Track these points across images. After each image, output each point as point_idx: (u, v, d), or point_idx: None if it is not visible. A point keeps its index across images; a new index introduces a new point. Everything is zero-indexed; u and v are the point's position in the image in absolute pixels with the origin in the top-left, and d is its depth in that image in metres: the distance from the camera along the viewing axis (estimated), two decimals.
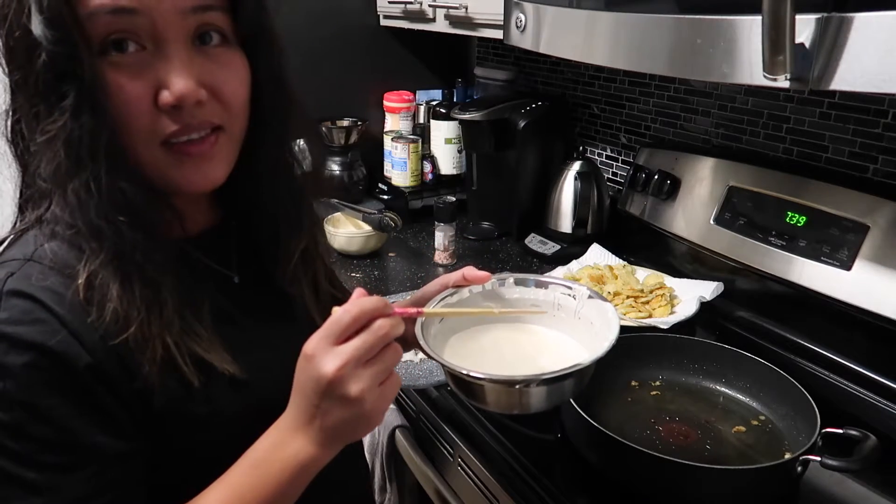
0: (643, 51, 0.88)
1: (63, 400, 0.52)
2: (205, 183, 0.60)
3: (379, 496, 1.17)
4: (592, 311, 0.71)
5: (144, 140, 0.55)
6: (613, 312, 0.68)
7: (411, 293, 1.37)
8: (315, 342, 0.54)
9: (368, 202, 1.88)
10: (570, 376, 0.63)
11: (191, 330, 0.58)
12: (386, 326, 0.54)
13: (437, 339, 0.69)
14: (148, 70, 0.54)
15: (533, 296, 0.75)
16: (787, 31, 0.64)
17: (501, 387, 0.63)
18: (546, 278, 0.75)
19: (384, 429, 1.11)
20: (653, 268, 1.40)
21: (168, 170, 0.57)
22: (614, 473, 0.86)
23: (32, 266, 0.55)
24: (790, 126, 1.25)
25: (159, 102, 0.54)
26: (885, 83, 0.62)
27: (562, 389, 0.65)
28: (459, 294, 0.73)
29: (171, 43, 0.54)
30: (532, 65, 1.87)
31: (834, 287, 1.08)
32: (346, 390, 0.53)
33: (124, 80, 0.53)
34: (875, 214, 1.05)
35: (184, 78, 0.54)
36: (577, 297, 0.72)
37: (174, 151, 0.57)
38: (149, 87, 0.54)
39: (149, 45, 0.54)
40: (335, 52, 1.87)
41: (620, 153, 1.67)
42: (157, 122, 0.55)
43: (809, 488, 0.85)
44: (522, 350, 0.71)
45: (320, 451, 0.56)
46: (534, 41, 1.09)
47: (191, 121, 0.56)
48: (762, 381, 0.98)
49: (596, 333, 0.68)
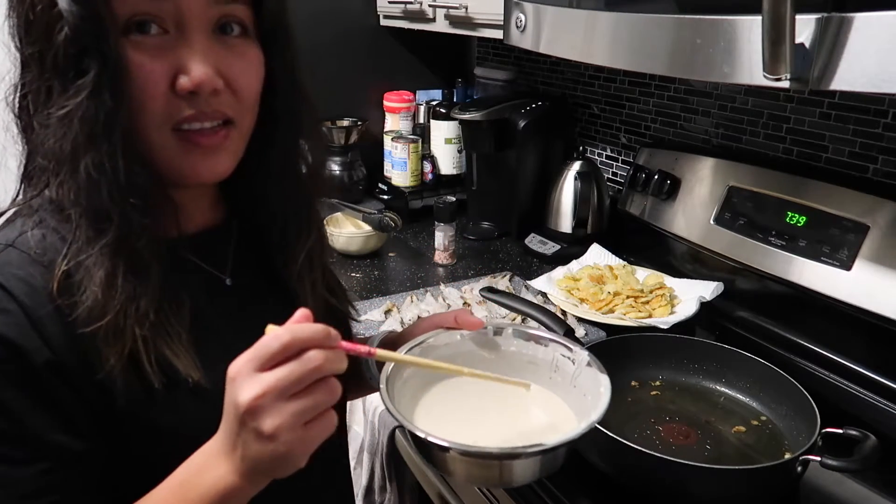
0: (643, 51, 0.88)
1: (18, 393, 0.52)
2: (210, 175, 0.59)
3: (379, 496, 1.17)
4: (588, 381, 0.65)
5: (158, 123, 0.55)
6: (607, 388, 0.62)
7: (411, 293, 1.37)
8: (239, 364, 0.49)
9: (368, 202, 1.89)
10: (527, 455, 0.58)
11: (163, 329, 0.57)
12: (319, 359, 0.48)
13: (408, 387, 0.64)
14: (168, 53, 0.54)
15: (531, 352, 0.70)
16: (787, 31, 0.64)
17: (469, 459, 0.58)
18: (547, 334, 0.70)
19: (384, 429, 1.11)
20: (653, 268, 1.40)
21: (176, 158, 0.57)
22: (614, 473, 0.86)
23: (11, 253, 0.55)
24: (790, 126, 1.25)
25: (177, 87, 0.54)
26: (885, 83, 0.62)
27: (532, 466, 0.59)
28: (449, 337, 0.69)
29: (194, 30, 0.54)
30: (532, 65, 1.87)
31: (834, 287, 1.08)
32: (259, 423, 0.47)
33: (145, 60, 0.53)
34: (875, 214, 1.05)
35: (203, 65, 0.54)
36: (576, 361, 0.67)
37: (184, 139, 0.57)
38: (168, 70, 0.54)
39: (171, 29, 0.54)
40: (335, 52, 1.87)
41: (620, 153, 1.67)
42: (172, 106, 0.55)
43: (809, 488, 0.85)
44: (508, 413, 0.65)
45: (242, 483, 0.51)
46: (534, 41, 1.09)
47: (206, 108, 0.56)
48: (762, 381, 0.98)
49: (588, 407, 0.63)
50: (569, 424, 0.64)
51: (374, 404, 1.16)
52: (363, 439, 1.17)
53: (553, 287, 1.33)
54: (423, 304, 1.33)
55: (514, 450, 0.58)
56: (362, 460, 1.18)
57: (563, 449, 0.59)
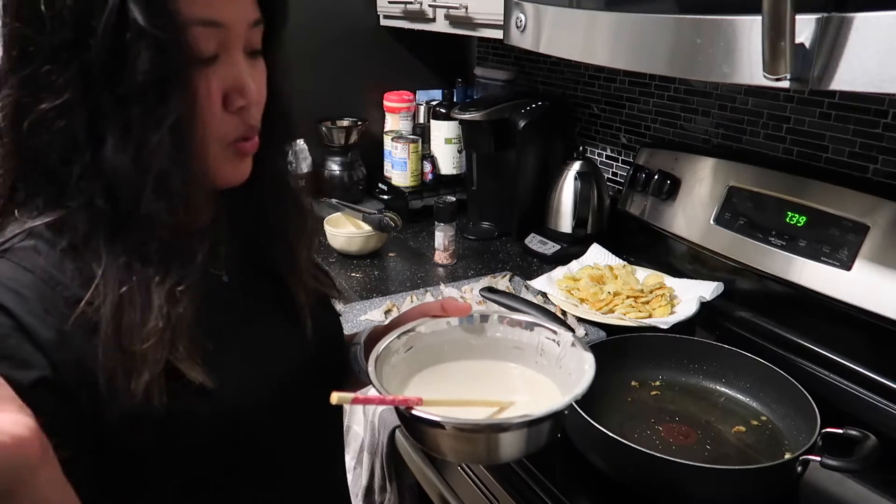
0: (643, 51, 0.88)
1: None
2: (240, 177, 0.64)
3: (379, 496, 1.17)
4: (573, 361, 0.67)
5: (215, 139, 0.59)
6: (591, 366, 0.63)
7: (411, 293, 1.37)
8: None
9: (368, 202, 1.89)
10: (519, 427, 0.58)
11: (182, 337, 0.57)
12: None
13: (396, 371, 0.65)
14: (220, 75, 0.57)
15: (517, 336, 0.71)
16: (787, 31, 0.64)
17: (456, 433, 0.58)
18: (531, 318, 0.71)
19: (384, 429, 1.11)
20: (653, 268, 1.40)
21: (218, 165, 0.61)
22: (614, 473, 0.86)
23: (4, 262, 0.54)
24: (790, 126, 1.25)
25: (230, 105, 0.58)
26: (885, 83, 0.62)
27: (519, 440, 0.60)
28: (436, 325, 0.70)
29: (239, 51, 0.59)
30: (532, 65, 1.87)
31: (834, 287, 1.08)
32: None
33: (208, 84, 0.57)
34: (875, 214, 1.05)
35: (254, 83, 0.59)
36: (560, 343, 0.69)
37: (234, 148, 0.61)
38: (221, 91, 0.58)
39: (221, 52, 0.57)
40: (335, 52, 1.87)
41: (620, 153, 1.67)
42: (226, 124, 0.59)
43: (809, 488, 0.85)
44: (495, 396, 0.66)
45: None
46: (534, 41, 1.09)
47: (253, 122, 0.61)
48: (762, 381, 0.98)
49: (573, 384, 0.64)
50: (554, 397, 0.66)
51: None
52: (363, 439, 1.17)
53: (553, 287, 1.33)
54: None
55: (501, 421, 0.59)
56: (362, 460, 1.18)
57: (549, 423, 0.60)
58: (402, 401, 0.57)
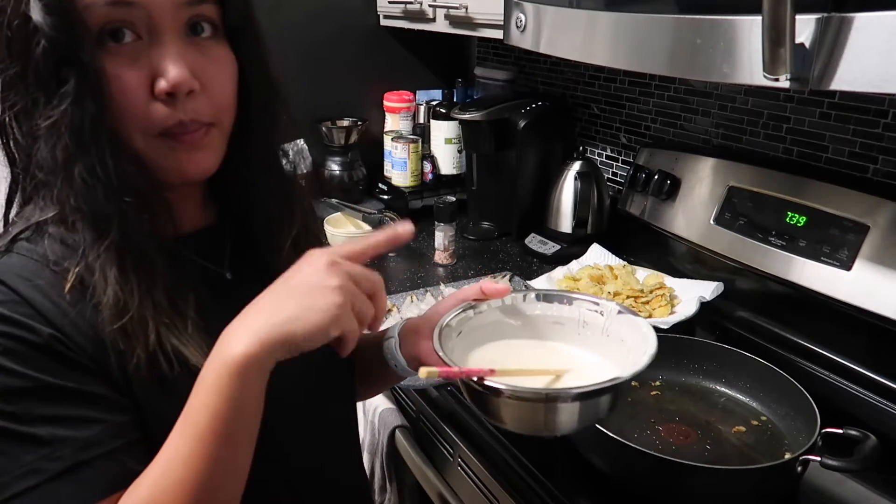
0: (643, 51, 0.88)
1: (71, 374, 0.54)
2: (196, 171, 0.61)
3: (379, 496, 1.17)
4: (623, 327, 0.67)
5: (142, 129, 0.57)
6: (648, 327, 0.64)
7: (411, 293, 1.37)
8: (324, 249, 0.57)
9: (368, 202, 1.88)
10: (606, 391, 0.59)
11: (172, 320, 0.58)
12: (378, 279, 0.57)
13: (458, 347, 0.66)
14: (144, 59, 0.56)
15: (556, 312, 0.71)
16: (787, 31, 0.64)
17: (527, 403, 0.59)
18: (571, 293, 0.72)
19: (384, 429, 1.11)
20: (653, 268, 1.40)
21: (161, 157, 0.59)
22: (614, 473, 0.86)
23: (11, 257, 0.57)
24: (790, 126, 1.25)
25: (155, 90, 0.56)
26: (885, 83, 0.62)
27: (596, 407, 0.61)
28: (477, 309, 0.70)
29: (166, 33, 0.56)
30: (532, 65, 1.87)
31: (834, 287, 1.08)
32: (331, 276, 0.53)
33: (122, 69, 0.55)
34: (875, 214, 1.05)
35: (179, 66, 0.56)
36: (604, 313, 0.69)
37: (168, 137, 0.58)
38: (145, 77, 0.56)
39: (144, 35, 0.56)
40: (335, 52, 1.87)
41: (620, 153, 1.67)
42: (154, 112, 0.56)
43: (809, 488, 0.85)
44: (548, 367, 0.67)
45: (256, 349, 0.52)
46: (534, 41, 1.09)
47: (183, 118, 0.57)
48: (762, 381, 0.98)
49: (630, 349, 0.65)
50: (607, 371, 0.66)
51: (375, 404, 1.16)
52: (363, 439, 1.17)
53: (553, 287, 1.33)
54: (423, 304, 1.33)
55: (594, 385, 0.59)
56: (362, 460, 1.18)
57: (608, 395, 0.61)
58: (480, 371, 0.59)
